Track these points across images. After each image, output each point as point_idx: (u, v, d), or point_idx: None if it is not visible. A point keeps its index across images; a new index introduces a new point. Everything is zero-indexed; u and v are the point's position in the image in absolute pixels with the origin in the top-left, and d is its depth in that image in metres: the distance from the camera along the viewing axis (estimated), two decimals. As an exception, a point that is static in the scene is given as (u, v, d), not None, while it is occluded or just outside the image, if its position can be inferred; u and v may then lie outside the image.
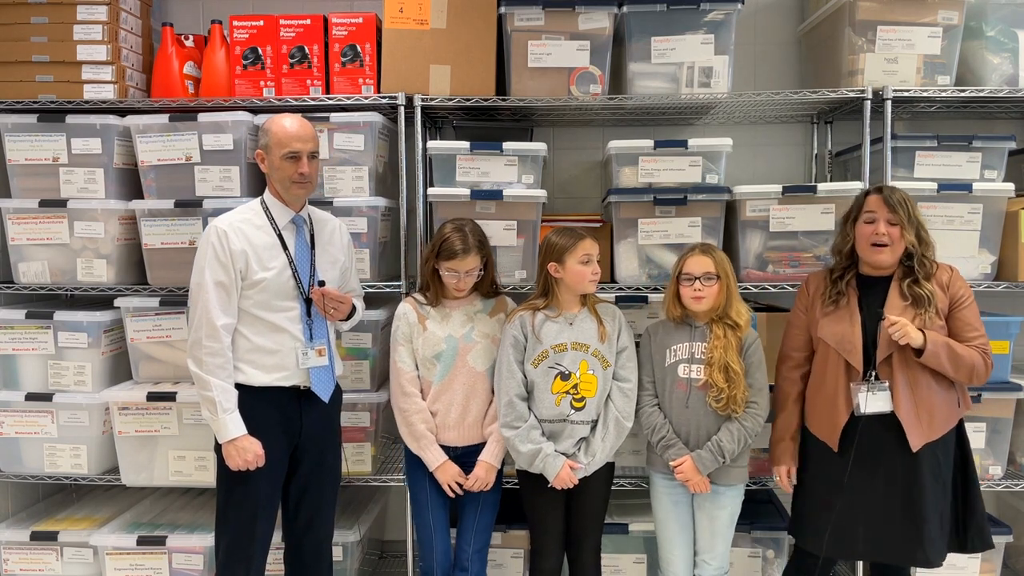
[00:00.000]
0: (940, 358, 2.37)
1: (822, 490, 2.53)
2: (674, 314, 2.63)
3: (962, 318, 2.46)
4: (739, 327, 2.57)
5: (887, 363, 2.44)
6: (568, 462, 2.54)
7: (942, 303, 2.45)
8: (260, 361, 2.49)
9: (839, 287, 2.52)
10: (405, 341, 2.66)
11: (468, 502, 2.67)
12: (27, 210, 3.05)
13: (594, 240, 2.61)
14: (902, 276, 2.48)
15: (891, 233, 2.44)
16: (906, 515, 2.43)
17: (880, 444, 2.44)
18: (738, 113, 3.36)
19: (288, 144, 2.46)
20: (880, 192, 2.49)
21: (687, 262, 2.60)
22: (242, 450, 2.41)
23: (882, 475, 2.44)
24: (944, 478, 2.46)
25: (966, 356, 2.40)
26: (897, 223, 2.43)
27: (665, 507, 2.67)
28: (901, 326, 2.35)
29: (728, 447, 2.53)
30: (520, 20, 2.99)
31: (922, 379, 2.42)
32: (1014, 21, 3.04)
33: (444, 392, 2.65)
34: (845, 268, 2.56)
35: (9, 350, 3.09)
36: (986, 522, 2.52)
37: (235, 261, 2.43)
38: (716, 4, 2.96)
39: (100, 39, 3.06)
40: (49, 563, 3.10)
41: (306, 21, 3.08)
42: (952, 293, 2.47)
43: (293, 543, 2.67)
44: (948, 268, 2.53)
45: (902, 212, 2.43)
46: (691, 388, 2.58)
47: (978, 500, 2.51)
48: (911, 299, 2.43)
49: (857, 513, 2.47)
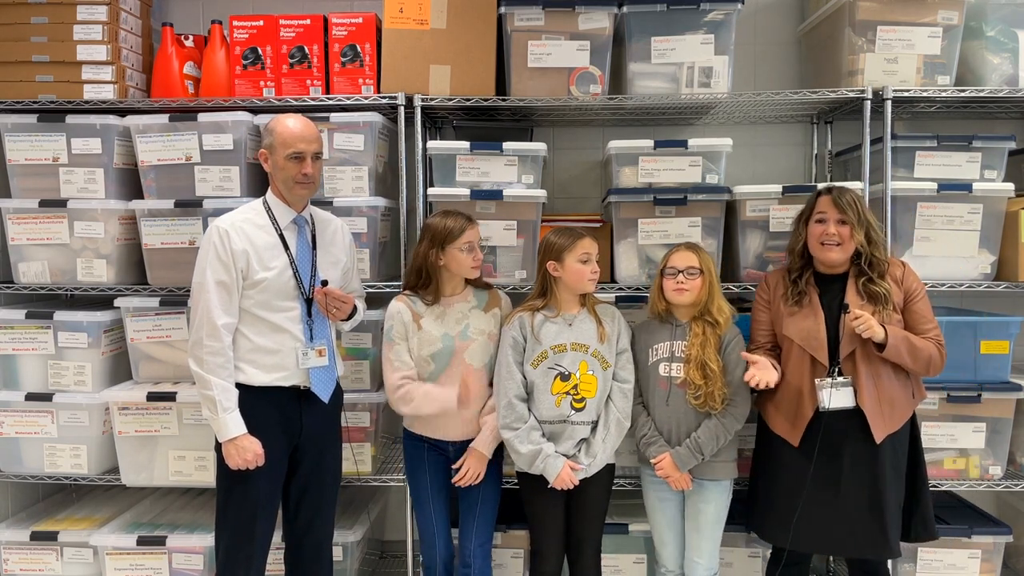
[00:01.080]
0: (900, 351, 2.44)
1: (785, 485, 2.56)
2: (658, 308, 2.67)
3: (917, 311, 2.53)
4: (719, 324, 2.60)
5: (850, 358, 2.49)
6: (569, 463, 2.54)
7: (897, 297, 2.52)
8: (260, 361, 2.49)
9: (800, 286, 2.58)
10: (401, 340, 2.65)
11: (469, 497, 2.67)
12: (27, 210, 3.05)
13: (593, 239, 2.61)
14: (857, 275, 2.54)
15: (841, 233, 2.50)
16: (871, 507, 2.48)
17: (843, 438, 2.49)
18: (738, 113, 3.36)
19: (292, 145, 2.47)
20: (830, 192, 2.56)
21: (672, 257, 2.65)
22: (242, 449, 2.41)
23: (845, 468, 2.49)
24: (900, 469, 2.53)
25: (924, 348, 2.47)
26: (847, 223, 2.49)
27: (654, 503, 2.72)
28: (865, 319, 2.40)
29: (706, 444, 2.56)
30: (520, 20, 2.99)
31: (883, 372, 2.49)
32: (1014, 21, 3.04)
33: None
34: (801, 268, 2.61)
35: (9, 350, 3.09)
36: (931, 512, 2.58)
37: (236, 261, 2.43)
38: (716, 4, 2.97)
39: (100, 39, 3.07)
40: (49, 563, 3.10)
41: (306, 21, 3.08)
42: (906, 287, 2.54)
43: (293, 543, 2.67)
44: (900, 263, 2.60)
45: (851, 213, 2.49)
46: (671, 386, 2.62)
47: (925, 490, 2.58)
48: (867, 296, 2.50)
49: (822, 507, 2.51)
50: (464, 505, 2.70)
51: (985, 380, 2.96)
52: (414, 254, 2.70)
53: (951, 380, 2.91)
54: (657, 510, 2.71)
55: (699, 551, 2.64)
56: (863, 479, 2.49)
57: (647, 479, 2.72)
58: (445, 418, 2.63)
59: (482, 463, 2.64)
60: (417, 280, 2.66)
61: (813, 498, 2.51)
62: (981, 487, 3.03)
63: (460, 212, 2.67)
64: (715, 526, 2.65)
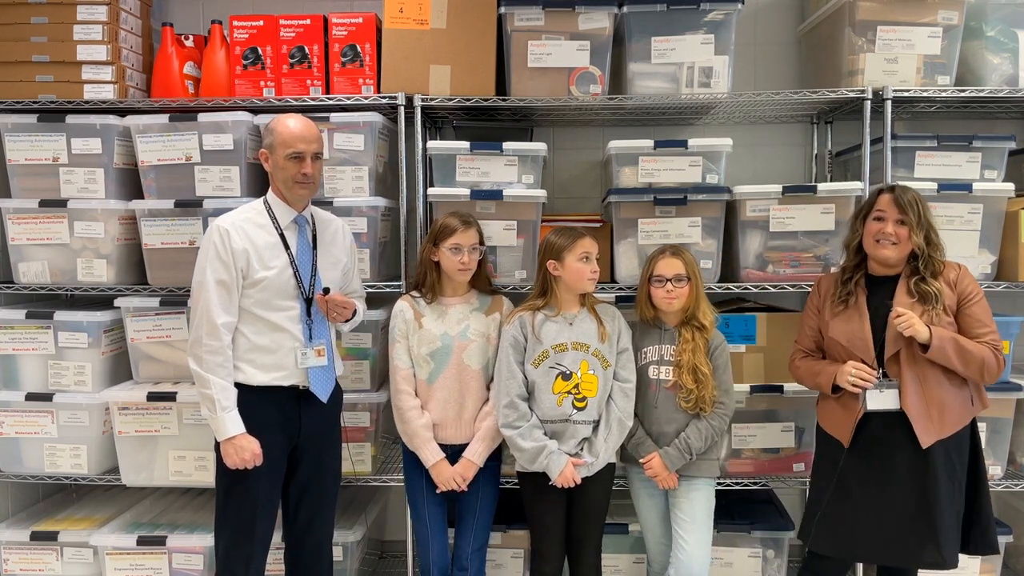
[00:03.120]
0: (947, 352, 2.36)
1: (834, 490, 2.51)
2: (647, 315, 2.68)
3: (971, 314, 2.45)
4: (706, 328, 2.63)
5: (895, 360, 2.44)
6: (571, 460, 2.54)
7: (950, 300, 2.44)
8: (259, 360, 2.49)
9: (848, 287, 2.53)
10: (402, 338, 2.66)
11: (467, 501, 2.67)
12: (27, 210, 3.05)
13: (593, 239, 2.61)
14: (909, 274, 2.48)
15: (899, 233, 2.44)
16: (920, 515, 2.40)
17: (890, 442, 2.43)
18: (738, 113, 3.36)
19: (292, 144, 2.47)
20: (892, 192, 2.49)
21: (658, 264, 2.64)
22: (240, 448, 2.41)
23: (892, 473, 2.43)
24: (959, 478, 2.44)
25: (975, 351, 2.38)
26: (907, 224, 2.43)
27: (643, 501, 2.73)
28: (907, 318, 2.35)
29: (695, 444, 2.58)
30: (520, 20, 2.99)
31: (931, 376, 2.42)
32: (1014, 21, 3.04)
33: (440, 390, 2.65)
34: (855, 267, 2.56)
35: (9, 350, 3.09)
36: (992, 525, 2.50)
37: (236, 260, 2.44)
38: (716, 4, 2.96)
39: (100, 39, 3.06)
40: (49, 563, 3.10)
41: (306, 21, 3.08)
42: (960, 290, 2.46)
43: (293, 543, 2.67)
44: (956, 266, 2.52)
45: (912, 214, 2.43)
46: (660, 389, 2.63)
47: (986, 502, 2.49)
48: (918, 296, 2.43)
49: (867, 513, 2.45)
50: (461, 508, 2.69)
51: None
52: (420, 249, 2.76)
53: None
54: (649, 508, 2.72)
55: (685, 551, 2.60)
56: (912, 486, 2.40)
57: (636, 477, 2.73)
58: (441, 426, 2.65)
59: (470, 471, 2.64)
60: (421, 276, 2.70)
61: (859, 503, 2.45)
62: (983, 487, 3.03)
63: (467, 216, 2.67)
64: (702, 523, 2.64)
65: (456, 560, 2.66)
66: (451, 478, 2.61)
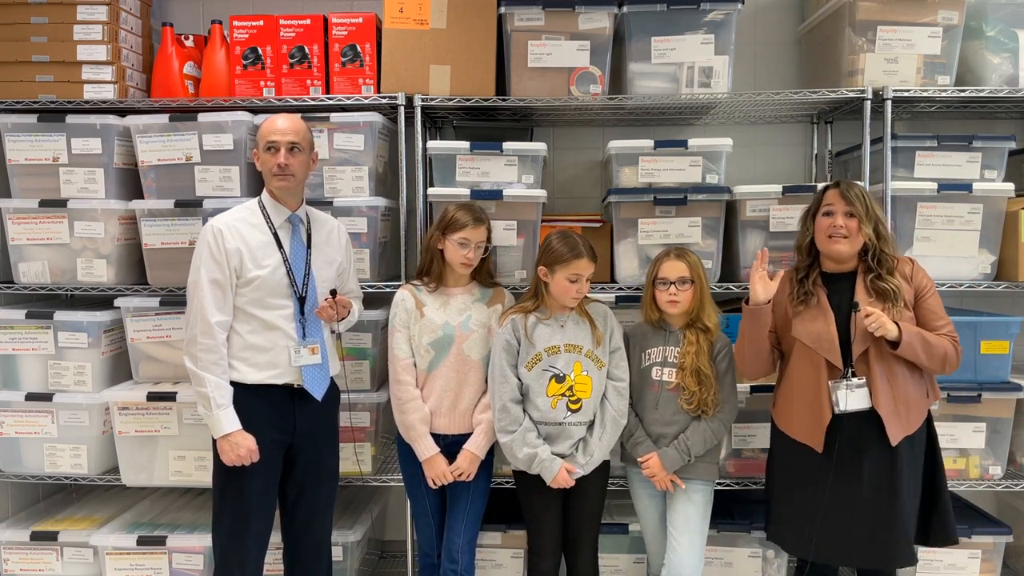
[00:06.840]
0: (915, 348, 2.38)
1: (804, 492, 2.50)
2: (652, 317, 2.68)
3: (928, 307, 2.48)
4: (710, 331, 2.62)
5: (863, 358, 2.43)
6: (565, 465, 2.54)
7: (908, 295, 2.46)
8: (253, 358, 2.50)
9: (806, 286, 2.51)
10: (402, 327, 2.65)
11: (458, 493, 2.67)
12: (27, 210, 3.05)
13: (591, 261, 2.55)
14: (865, 271, 2.48)
15: (848, 226, 2.44)
16: (889, 514, 2.41)
17: (861, 441, 2.43)
18: (738, 113, 3.36)
19: (267, 136, 2.50)
20: (838, 186, 2.51)
21: (662, 267, 2.63)
22: (235, 445, 2.42)
23: (864, 473, 2.43)
24: (918, 470, 2.47)
25: (939, 345, 2.41)
26: (855, 215, 2.44)
27: (643, 501, 2.73)
28: (877, 317, 2.35)
29: (694, 446, 2.58)
30: (520, 20, 2.99)
31: (898, 372, 2.43)
32: (1014, 21, 3.04)
33: (438, 379, 2.64)
34: (808, 267, 2.55)
35: (9, 350, 3.09)
36: (951, 515, 2.50)
37: (230, 259, 2.45)
38: (716, 4, 2.96)
39: (100, 39, 3.07)
40: (49, 563, 3.10)
41: (306, 21, 3.08)
42: (916, 284, 2.49)
43: (292, 542, 2.68)
44: (908, 260, 2.55)
45: (860, 205, 2.44)
46: (662, 390, 2.63)
47: (944, 491, 2.50)
48: (876, 294, 2.44)
49: (842, 514, 2.45)
50: (453, 501, 2.69)
51: (985, 380, 2.96)
52: (427, 235, 2.75)
53: (951, 380, 2.89)
54: (647, 508, 2.73)
55: (678, 552, 2.60)
56: (882, 484, 2.41)
57: (635, 477, 2.73)
58: (437, 415, 2.64)
59: (474, 464, 2.63)
60: (427, 263, 2.69)
61: (833, 505, 2.44)
62: (981, 487, 3.03)
63: (479, 212, 2.65)
64: (698, 526, 2.63)
65: (446, 552, 2.64)
66: (444, 474, 2.61)
